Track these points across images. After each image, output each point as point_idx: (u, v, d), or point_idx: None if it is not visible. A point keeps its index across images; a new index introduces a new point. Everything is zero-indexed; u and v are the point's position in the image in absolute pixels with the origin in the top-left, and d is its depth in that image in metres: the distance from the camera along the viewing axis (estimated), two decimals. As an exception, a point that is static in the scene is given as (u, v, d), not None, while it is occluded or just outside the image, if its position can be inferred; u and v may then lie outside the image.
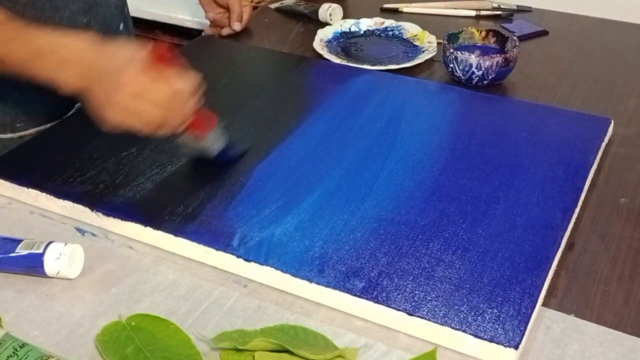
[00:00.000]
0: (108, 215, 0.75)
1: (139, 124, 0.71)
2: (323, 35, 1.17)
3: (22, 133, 0.96)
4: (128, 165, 0.82)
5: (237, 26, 1.20)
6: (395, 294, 0.64)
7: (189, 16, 1.50)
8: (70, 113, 0.99)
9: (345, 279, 0.66)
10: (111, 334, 0.62)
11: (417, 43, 1.16)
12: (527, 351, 0.61)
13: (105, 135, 0.87)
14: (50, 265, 0.66)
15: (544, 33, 1.20)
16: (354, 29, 1.21)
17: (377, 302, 0.64)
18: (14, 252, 0.67)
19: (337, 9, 1.24)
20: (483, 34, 1.09)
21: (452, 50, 1.01)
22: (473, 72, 1.00)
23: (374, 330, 0.64)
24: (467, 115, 0.92)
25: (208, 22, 1.33)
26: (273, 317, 0.65)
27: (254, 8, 1.29)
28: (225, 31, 1.20)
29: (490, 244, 0.70)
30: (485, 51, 1.06)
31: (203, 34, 1.28)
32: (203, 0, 1.24)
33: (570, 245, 0.73)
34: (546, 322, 0.64)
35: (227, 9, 1.21)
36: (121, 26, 1.06)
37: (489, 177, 0.80)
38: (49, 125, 0.97)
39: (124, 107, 0.69)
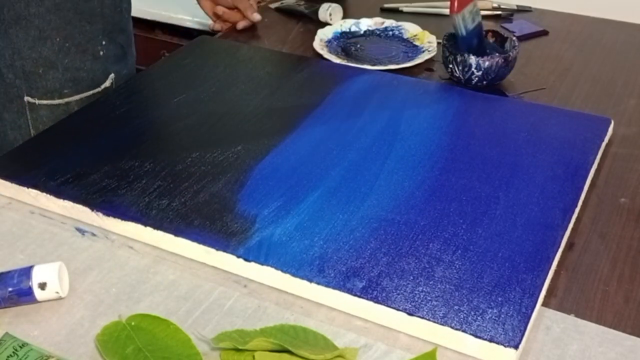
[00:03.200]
0: (108, 215, 0.75)
1: None
2: (323, 35, 1.17)
3: (68, 99, 1.03)
4: (128, 165, 0.82)
5: (256, 16, 1.22)
6: (395, 294, 0.64)
7: (189, 16, 1.50)
8: (107, 83, 1.06)
9: (345, 279, 0.66)
10: (111, 334, 0.62)
11: (417, 43, 1.16)
12: (527, 351, 0.61)
13: (106, 135, 0.88)
14: (40, 295, 0.66)
15: (544, 33, 1.21)
16: (354, 29, 1.21)
17: (377, 302, 0.64)
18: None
19: (337, 8, 1.24)
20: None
21: (451, 51, 1.01)
22: (473, 73, 1.00)
23: (374, 330, 0.64)
24: (467, 115, 0.92)
25: (208, 22, 1.33)
26: (273, 317, 0.65)
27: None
28: (242, 24, 1.23)
29: (490, 244, 0.70)
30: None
31: (210, 27, 1.28)
32: (203, 3, 1.26)
33: (570, 245, 0.73)
34: (546, 322, 0.64)
35: (232, 7, 1.22)
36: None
37: (489, 177, 0.80)
38: (89, 92, 1.04)
39: None
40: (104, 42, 1.04)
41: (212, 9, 1.26)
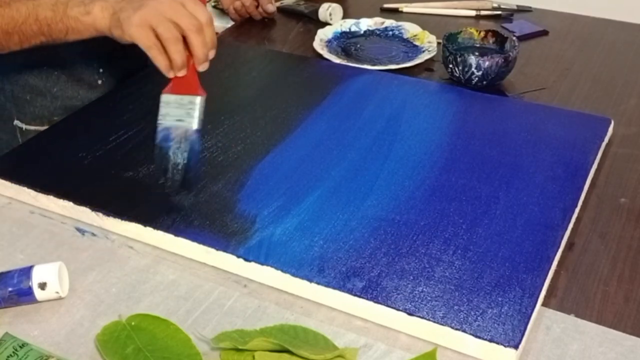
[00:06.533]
0: (108, 215, 0.75)
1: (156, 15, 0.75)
2: (323, 35, 1.17)
3: None
4: (128, 165, 0.82)
5: (270, 7, 1.24)
6: (395, 294, 0.64)
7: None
8: None
9: (345, 279, 0.66)
10: (111, 334, 0.62)
11: (417, 43, 1.16)
12: (527, 351, 0.61)
13: (106, 135, 0.88)
14: (40, 295, 0.66)
15: (544, 33, 1.21)
16: (354, 28, 1.21)
17: (377, 302, 0.64)
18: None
19: (337, 8, 1.24)
20: (482, 34, 1.09)
21: (451, 51, 1.01)
22: (473, 73, 1.00)
23: (374, 330, 0.64)
24: (467, 115, 0.92)
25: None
26: (273, 317, 0.65)
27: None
28: (258, 16, 1.26)
29: (490, 244, 0.70)
30: (484, 51, 1.06)
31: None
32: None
33: (570, 245, 0.73)
34: (546, 322, 0.64)
35: None
36: None
37: (489, 177, 0.80)
38: None
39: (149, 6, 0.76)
40: (101, 70, 1.01)
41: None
